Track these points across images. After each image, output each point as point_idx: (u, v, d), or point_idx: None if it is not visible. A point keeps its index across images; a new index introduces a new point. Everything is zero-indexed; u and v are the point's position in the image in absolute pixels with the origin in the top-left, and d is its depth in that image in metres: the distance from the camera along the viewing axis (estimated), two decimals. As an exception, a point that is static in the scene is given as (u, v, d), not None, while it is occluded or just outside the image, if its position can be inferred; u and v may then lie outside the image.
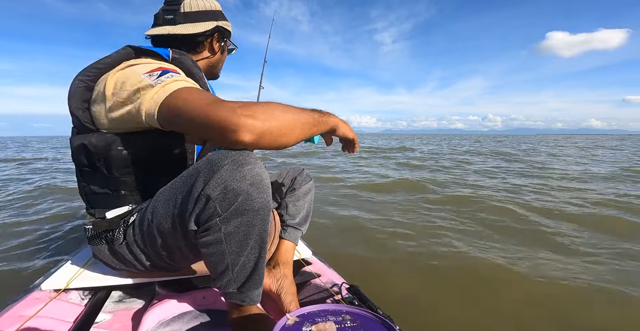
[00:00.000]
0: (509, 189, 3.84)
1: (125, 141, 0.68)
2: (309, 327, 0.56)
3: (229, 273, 0.64)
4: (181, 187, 0.61)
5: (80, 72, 0.71)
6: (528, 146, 15.07)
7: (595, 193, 3.62)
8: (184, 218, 0.60)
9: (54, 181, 4.63)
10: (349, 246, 2.06)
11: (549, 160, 7.97)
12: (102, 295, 0.91)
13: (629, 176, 4.97)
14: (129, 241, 0.72)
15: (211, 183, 0.55)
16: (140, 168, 0.71)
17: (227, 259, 0.62)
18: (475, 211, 2.85)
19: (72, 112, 0.71)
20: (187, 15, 0.81)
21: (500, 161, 7.66)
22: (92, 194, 0.75)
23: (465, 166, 6.52)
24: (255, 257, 0.64)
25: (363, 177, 4.91)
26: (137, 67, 0.67)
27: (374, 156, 9.01)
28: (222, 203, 0.56)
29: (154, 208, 0.65)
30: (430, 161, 7.63)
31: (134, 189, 0.72)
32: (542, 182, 4.42)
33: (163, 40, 0.83)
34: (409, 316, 1.31)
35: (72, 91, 0.70)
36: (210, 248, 0.61)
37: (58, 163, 7.14)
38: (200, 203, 0.57)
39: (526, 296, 1.49)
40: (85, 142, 0.68)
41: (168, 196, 0.63)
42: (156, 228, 0.66)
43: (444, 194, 3.56)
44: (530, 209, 2.88)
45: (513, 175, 5.22)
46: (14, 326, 0.69)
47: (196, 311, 0.81)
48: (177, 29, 0.80)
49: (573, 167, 6.34)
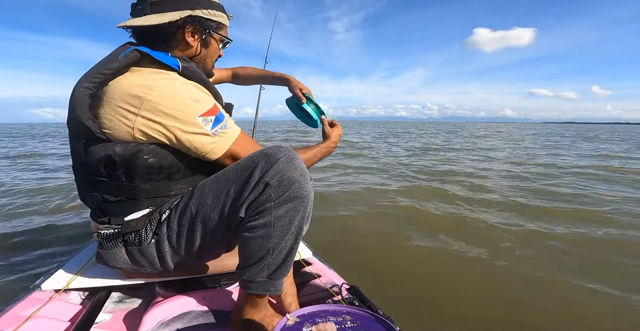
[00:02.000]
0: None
1: (150, 150, 0.68)
2: (309, 327, 0.56)
3: (267, 258, 0.67)
4: (234, 178, 0.67)
5: (84, 78, 0.66)
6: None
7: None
8: (236, 205, 0.66)
9: (50, 179, 4.63)
10: (349, 246, 2.06)
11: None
12: (102, 295, 0.91)
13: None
14: (159, 239, 0.73)
15: (269, 172, 0.63)
16: (162, 175, 0.72)
17: (270, 243, 0.66)
18: (476, 210, 2.86)
19: (79, 122, 0.65)
20: (155, 4, 0.70)
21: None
22: (104, 203, 0.73)
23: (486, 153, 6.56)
24: (291, 243, 0.69)
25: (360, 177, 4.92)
26: (184, 99, 0.66)
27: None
28: (277, 190, 0.63)
29: (200, 201, 0.69)
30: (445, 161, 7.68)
31: (152, 195, 0.73)
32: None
33: (140, 35, 0.75)
34: (409, 316, 1.31)
35: (78, 99, 0.65)
36: (257, 231, 0.65)
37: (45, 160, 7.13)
38: (257, 190, 0.64)
39: (526, 296, 1.49)
40: (110, 153, 0.66)
41: (218, 188, 0.69)
42: (200, 219, 0.70)
43: (447, 193, 3.57)
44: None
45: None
46: (14, 326, 0.69)
47: (196, 311, 0.80)
48: (141, 20, 0.70)
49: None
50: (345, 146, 9.66)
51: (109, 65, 0.65)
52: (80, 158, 0.69)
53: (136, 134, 0.66)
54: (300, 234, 0.69)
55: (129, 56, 0.67)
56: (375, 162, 6.35)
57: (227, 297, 0.86)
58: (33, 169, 5.45)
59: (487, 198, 3.34)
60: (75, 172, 0.75)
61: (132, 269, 0.78)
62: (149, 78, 0.67)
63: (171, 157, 0.71)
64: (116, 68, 0.66)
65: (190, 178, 0.76)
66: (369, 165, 5.84)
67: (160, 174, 0.71)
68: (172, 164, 0.71)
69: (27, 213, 2.88)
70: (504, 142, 12.25)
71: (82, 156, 0.69)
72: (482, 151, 8.58)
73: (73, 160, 0.74)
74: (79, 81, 0.66)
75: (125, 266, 0.77)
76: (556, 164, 5.93)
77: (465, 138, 14.97)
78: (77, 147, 0.69)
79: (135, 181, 0.70)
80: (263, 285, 0.69)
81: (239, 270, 0.71)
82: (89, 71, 0.67)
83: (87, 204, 0.77)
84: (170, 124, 0.66)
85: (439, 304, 1.44)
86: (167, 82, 0.67)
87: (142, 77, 0.67)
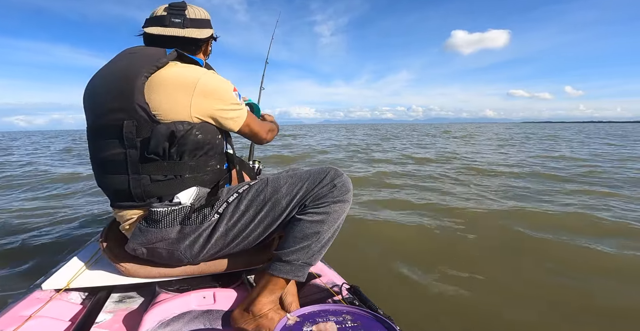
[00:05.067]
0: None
1: (199, 127, 0.81)
2: (309, 327, 0.57)
3: (313, 239, 0.80)
4: (307, 178, 0.86)
5: (142, 67, 0.76)
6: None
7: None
8: (304, 196, 0.83)
9: (48, 178, 4.64)
10: (349, 246, 2.06)
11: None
12: (102, 295, 0.91)
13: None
14: (220, 218, 0.84)
15: (338, 179, 0.85)
16: (202, 151, 0.84)
17: (321, 228, 0.81)
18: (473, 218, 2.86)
19: (137, 106, 0.75)
20: (194, 21, 0.92)
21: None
22: (152, 184, 0.81)
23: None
24: (332, 234, 0.84)
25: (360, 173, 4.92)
26: (222, 82, 0.85)
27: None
28: (339, 191, 0.83)
29: (275, 189, 0.85)
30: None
31: (195, 172, 0.84)
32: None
33: (161, 40, 0.89)
34: (409, 316, 1.31)
35: (139, 86, 0.75)
36: (315, 217, 0.81)
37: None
38: (326, 188, 0.83)
39: (519, 294, 1.49)
40: (173, 129, 0.76)
41: (293, 182, 0.85)
42: (271, 203, 0.84)
43: (451, 193, 3.57)
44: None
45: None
46: (14, 326, 0.69)
47: (196, 311, 0.80)
48: (188, 32, 0.91)
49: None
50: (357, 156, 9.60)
51: (161, 60, 0.79)
52: (131, 142, 0.77)
53: (193, 112, 0.79)
54: (338, 230, 0.86)
55: (172, 54, 0.83)
56: (376, 162, 6.34)
57: (227, 297, 0.86)
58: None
59: (491, 190, 3.34)
60: (111, 160, 0.81)
61: (176, 249, 0.83)
62: (191, 69, 0.83)
63: (211, 134, 0.84)
64: (164, 63, 0.79)
65: (218, 155, 0.90)
66: (370, 166, 5.83)
67: (202, 149, 0.83)
68: (210, 141, 0.84)
69: (28, 213, 2.89)
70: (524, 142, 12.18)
71: (134, 140, 0.77)
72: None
73: (108, 150, 0.80)
74: (134, 70, 0.76)
75: (170, 247, 0.83)
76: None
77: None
78: (127, 132, 0.77)
79: (184, 158, 0.81)
80: (296, 268, 0.80)
81: (279, 251, 0.81)
82: (141, 62, 0.78)
83: (130, 189, 0.81)
84: (218, 101, 0.83)
85: (439, 304, 1.44)
86: (204, 71, 0.84)
87: (184, 69, 0.82)
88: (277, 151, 9.21)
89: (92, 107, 0.83)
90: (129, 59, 0.81)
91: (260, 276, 0.83)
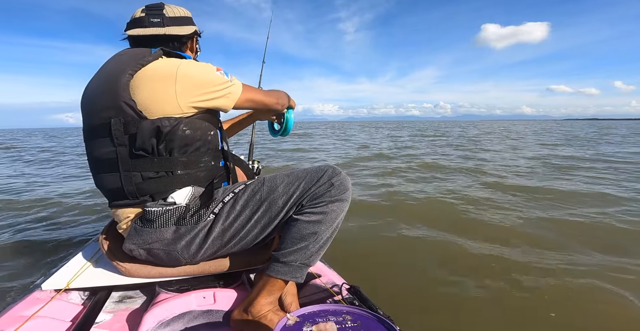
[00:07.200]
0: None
1: (187, 122, 0.80)
2: (309, 327, 0.57)
3: (311, 240, 0.79)
4: (304, 177, 0.84)
5: (127, 66, 0.78)
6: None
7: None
8: (302, 195, 0.81)
9: (48, 178, 4.64)
10: (349, 246, 2.06)
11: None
12: (102, 295, 0.91)
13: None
14: (216, 218, 0.83)
15: (335, 177, 0.83)
16: (193, 147, 0.84)
17: (319, 228, 0.79)
18: (476, 211, 2.85)
19: (123, 103, 0.76)
20: (173, 19, 0.94)
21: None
22: (144, 181, 0.81)
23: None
24: (330, 234, 0.82)
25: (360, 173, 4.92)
26: (202, 66, 0.84)
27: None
28: (337, 190, 0.81)
29: (272, 188, 0.84)
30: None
31: (187, 168, 0.84)
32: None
33: (144, 41, 0.91)
34: (409, 316, 1.31)
35: (123, 84, 0.76)
36: (313, 217, 0.80)
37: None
38: (324, 186, 0.81)
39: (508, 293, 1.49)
40: (159, 125, 0.76)
41: (289, 181, 0.84)
42: (268, 202, 0.83)
43: (451, 195, 3.56)
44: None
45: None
46: (14, 326, 0.69)
47: (196, 311, 0.80)
48: (169, 30, 0.92)
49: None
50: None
51: (145, 58, 0.80)
52: (120, 140, 0.78)
53: (180, 101, 0.79)
54: (336, 230, 0.84)
55: (157, 52, 0.84)
56: (374, 158, 6.34)
57: (227, 297, 0.86)
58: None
59: (496, 190, 3.34)
60: (103, 159, 0.81)
61: (173, 250, 0.82)
62: (170, 61, 0.84)
63: (202, 130, 0.84)
64: (149, 61, 0.81)
65: (211, 152, 0.89)
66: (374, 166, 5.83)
67: (192, 145, 0.83)
68: (201, 137, 0.84)
69: (28, 213, 2.89)
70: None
71: (122, 138, 0.78)
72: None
73: (100, 148, 0.81)
74: (119, 70, 0.78)
75: (168, 248, 0.82)
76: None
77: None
78: (115, 129, 0.78)
79: (174, 154, 0.81)
80: (294, 269, 0.79)
81: (277, 252, 0.80)
82: (126, 62, 0.80)
83: (123, 188, 0.81)
84: (202, 83, 0.82)
85: (440, 304, 1.44)
86: (183, 60, 0.85)
87: (164, 61, 0.83)
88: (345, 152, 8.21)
89: (85, 109, 0.84)
90: (116, 60, 0.83)
91: (259, 277, 0.83)
